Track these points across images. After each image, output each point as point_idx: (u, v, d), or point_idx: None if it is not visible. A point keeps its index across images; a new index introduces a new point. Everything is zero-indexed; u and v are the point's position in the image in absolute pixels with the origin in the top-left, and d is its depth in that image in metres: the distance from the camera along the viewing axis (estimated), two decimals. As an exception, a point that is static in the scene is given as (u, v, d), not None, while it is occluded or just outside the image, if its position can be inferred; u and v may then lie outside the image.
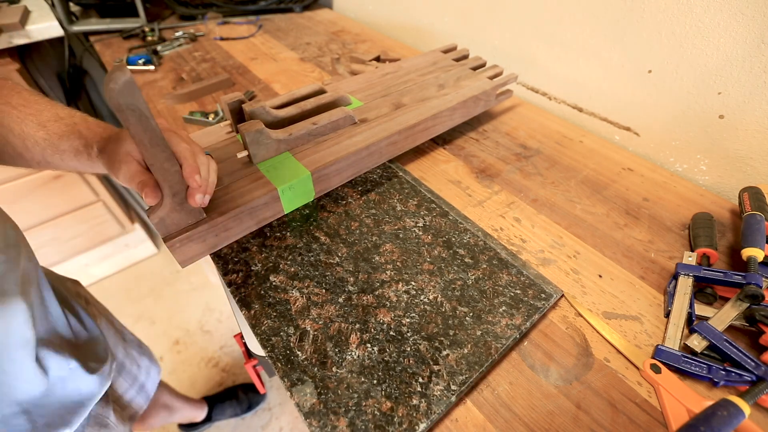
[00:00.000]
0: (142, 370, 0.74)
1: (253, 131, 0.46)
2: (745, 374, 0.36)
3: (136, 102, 0.29)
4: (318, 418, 0.33)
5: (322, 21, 1.13)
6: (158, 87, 0.79)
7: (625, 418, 0.35)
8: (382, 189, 0.54)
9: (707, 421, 0.32)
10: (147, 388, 0.75)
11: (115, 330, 0.71)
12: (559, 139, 0.67)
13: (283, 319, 0.39)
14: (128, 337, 0.75)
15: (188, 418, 1.08)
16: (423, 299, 0.41)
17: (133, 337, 0.78)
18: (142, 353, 0.76)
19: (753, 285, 0.39)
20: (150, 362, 0.78)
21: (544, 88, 0.78)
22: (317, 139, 0.52)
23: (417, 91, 0.62)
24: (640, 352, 0.39)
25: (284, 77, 0.83)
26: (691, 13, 0.54)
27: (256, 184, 0.46)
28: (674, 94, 0.60)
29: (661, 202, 0.56)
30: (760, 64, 0.50)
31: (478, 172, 0.60)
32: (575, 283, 0.45)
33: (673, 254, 0.49)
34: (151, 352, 0.81)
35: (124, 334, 0.74)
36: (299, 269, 0.43)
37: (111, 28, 1.02)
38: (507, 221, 0.52)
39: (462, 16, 0.88)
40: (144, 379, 0.74)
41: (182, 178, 0.37)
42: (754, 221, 0.45)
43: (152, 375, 0.77)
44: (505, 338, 0.38)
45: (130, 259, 1.57)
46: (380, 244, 0.46)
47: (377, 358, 0.36)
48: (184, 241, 0.41)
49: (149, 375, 0.76)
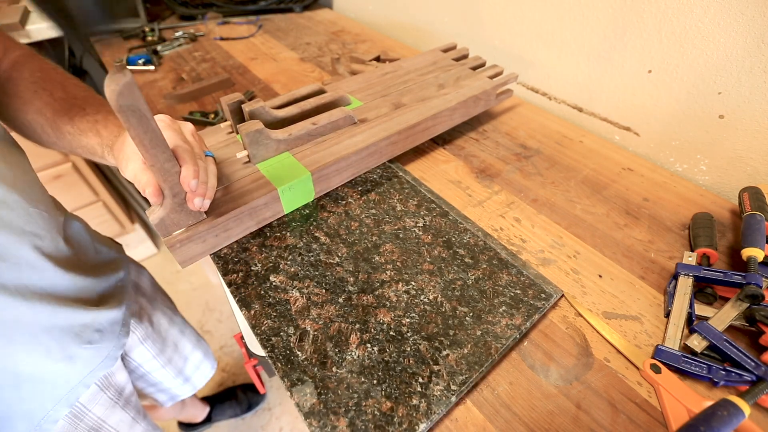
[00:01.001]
0: (190, 364, 0.77)
1: (252, 131, 0.46)
2: (745, 374, 0.36)
3: (137, 103, 0.29)
4: (318, 418, 0.33)
5: (322, 21, 1.13)
6: (158, 87, 0.79)
7: (625, 418, 0.35)
8: (382, 189, 0.54)
9: (707, 421, 0.32)
10: (193, 380, 0.79)
11: (170, 324, 0.72)
12: (559, 139, 0.67)
13: (283, 319, 0.39)
14: (188, 331, 0.78)
15: (191, 416, 1.08)
16: (423, 299, 0.41)
17: (193, 332, 0.80)
18: (197, 347, 0.79)
19: (753, 285, 0.39)
20: (204, 357, 0.81)
21: (544, 88, 0.78)
22: (317, 139, 0.52)
23: (417, 91, 0.62)
24: (640, 352, 0.39)
25: (284, 77, 0.83)
26: (691, 13, 0.54)
27: (256, 185, 0.46)
28: (674, 94, 0.60)
29: (661, 202, 0.56)
30: (760, 64, 0.50)
31: (478, 172, 0.60)
32: (575, 283, 0.45)
33: (673, 254, 0.49)
34: (207, 348, 0.84)
35: (185, 327, 0.77)
36: (299, 269, 0.44)
37: (111, 28, 1.02)
38: (507, 221, 0.52)
39: (462, 16, 0.88)
40: (191, 373, 0.77)
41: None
42: (754, 221, 0.45)
43: (202, 369, 0.80)
44: (505, 338, 0.38)
45: (130, 259, 1.57)
46: (380, 244, 0.46)
47: (377, 358, 0.36)
48: (184, 241, 0.41)
49: (198, 369, 0.79)
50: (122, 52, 0.92)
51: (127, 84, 0.28)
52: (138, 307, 0.64)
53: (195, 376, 0.79)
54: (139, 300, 0.65)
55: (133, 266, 0.68)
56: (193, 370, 0.78)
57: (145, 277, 0.71)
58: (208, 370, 0.82)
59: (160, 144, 0.33)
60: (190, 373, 0.77)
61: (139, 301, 0.65)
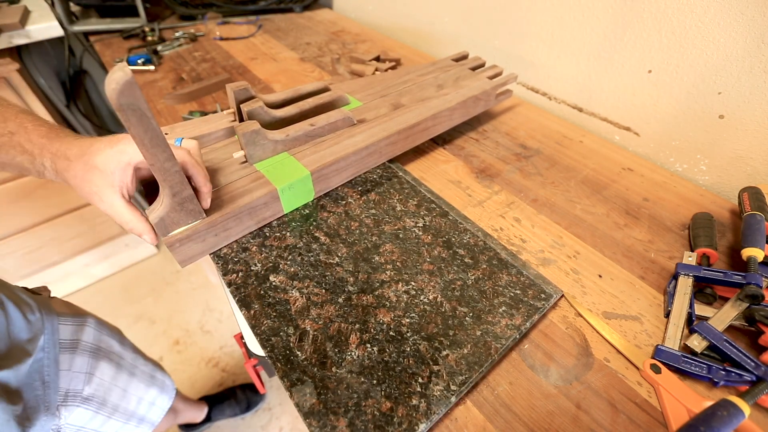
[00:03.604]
0: (144, 403, 0.73)
1: (249, 131, 0.46)
2: (744, 374, 0.36)
3: (137, 102, 0.29)
4: (318, 418, 0.33)
5: (322, 21, 1.13)
6: (158, 87, 0.79)
7: (625, 418, 0.35)
8: (381, 189, 0.54)
9: (707, 421, 0.32)
10: (149, 418, 0.74)
11: (118, 371, 0.67)
12: (559, 139, 0.67)
13: (282, 319, 0.39)
14: (139, 370, 0.73)
15: (189, 419, 1.08)
16: (423, 299, 0.41)
17: (148, 367, 0.76)
18: (151, 384, 0.75)
19: (753, 285, 0.39)
20: (160, 392, 0.76)
21: (544, 88, 0.78)
22: (316, 139, 0.52)
23: (416, 92, 0.62)
24: (640, 352, 0.39)
25: (284, 77, 0.83)
26: (691, 13, 0.54)
27: (255, 184, 0.46)
28: (674, 94, 0.60)
29: (661, 202, 0.56)
30: (760, 64, 0.50)
31: (478, 172, 0.60)
32: (575, 283, 0.45)
33: (673, 254, 0.49)
34: (163, 381, 0.79)
35: (135, 369, 0.72)
36: (299, 269, 0.43)
37: (111, 28, 1.02)
38: (507, 221, 0.52)
39: (462, 16, 0.88)
40: (145, 412, 0.73)
41: (183, 178, 0.37)
42: (754, 221, 0.45)
43: (158, 404, 0.76)
44: (505, 338, 0.38)
45: (130, 259, 1.57)
46: (380, 244, 0.46)
47: (377, 358, 0.36)
48: (184, 240, 0.41)
49: (153, 405, 0.75)
50: (122, 52, 0.92)
51: (127, 83, 0.28)
52: (68, 382, 0.58)
53: (150, 413, 0.74)
54: (73, 366, 0.59)
55: (69, 319, 0.62)
56: (147, 408, 0.73)
57: (89, 328, 0.65)
58: (165, 402, 0.77)
59: (161, 143, 0.33)
60: (144, 412, 0.73)
61: (70, 371, 0.59)
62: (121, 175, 0.37)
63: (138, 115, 0.30)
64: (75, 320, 0.64)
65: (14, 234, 1.22)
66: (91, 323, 0.67)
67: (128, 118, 0.30)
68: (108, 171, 0.36)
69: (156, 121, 0.31)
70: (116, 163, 0.36)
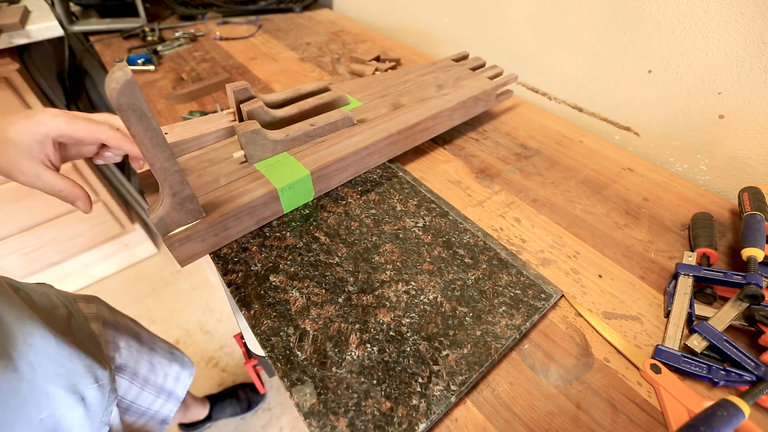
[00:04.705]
0: (170, 378, 0.75)
1: (248, 131, 0.46)
2: (745, 374, 0.36)
3: (137, 102, 0.29)
4: (318, 418, 0.33)
5: (322, 21, 1.13)
6: (158, 87, 0.79)
7: (625, 418, 0.35)
8: (381, 189, 0.54)
9: (707, 421, 0.32)
10: (177, 393, 0.76)
11: (140, 345, 0.70)
12: (559, 139, 0.67)
13: (282, 319, 0.39)
14: (158, 346, 0.75)
15: (194, 415, 1.08)
16: (423, 299, 0.41)
17: (165, 344, 0.79)
18: (173, 360, 0.77)
19: (753, 285, 0.39)
20: (181, 368, 0.79)
21: (544, 88, 0.78)
22: (316, 139, 0.52)
23: (416, 92, 0.62)
24: (640, 352, 0.39)
25: (284, 77, 0.83)
26: (691, 13, 0.54)
27: (255, 184, 0.46)
28: (674, 94, 0.60)
29: (661, 202, 0.56)
30: (760, 64, 0.50)
31: (478, 172, 0.60)
32: (575, 283, 0.45)
33: (673, 254, 0.49)
34: (182, 357, 0.81)
35: (154, 344, 0.75)
36: (299, 269, 0.43)
37: (111, 28, 1.02)
38: (507, 221, 0.52)
39: (462, 16, 0.88)
40: (172, 387, 0.75)
41: (183, 178, 0.37)
42: (754, 221, 0.45)
43: (182, 379, 0.78)
44: (505, 338, 0.38)
45: (130, 259, 1.57)
46: (380, 244, 0.46)
47: (377, 359, 0.36)
48: (184, 240, 0.41)
49: (178, 381, 0.77)
50: (122, 52, 0.92)
51: (127, 82, 0.28)
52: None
53: (177, 388, 0.77)
54: (101, 335, 0.63)
55: (82, 301, 0.65)
56: (173, 383, 0.76)
57: (102, 306, 0.69)
58: (187, 378, 0.80)
59: (161, 143, 0.33)
60: (171, 386, 0.76)
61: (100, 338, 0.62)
62: (39, 147, 0.35)
63: (138, 115, 0.30)
64: (87, 299, 0.67)
65: (14, 234, 1.22)
66: (102, 303, 0.70)
67: (128, 117, 0.30)
68: (23, 143, 0.35)
69: (156, 121, 0.31)
70: (31, 134, 0.35)
